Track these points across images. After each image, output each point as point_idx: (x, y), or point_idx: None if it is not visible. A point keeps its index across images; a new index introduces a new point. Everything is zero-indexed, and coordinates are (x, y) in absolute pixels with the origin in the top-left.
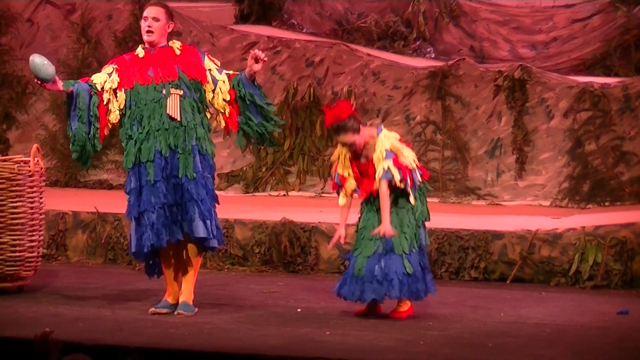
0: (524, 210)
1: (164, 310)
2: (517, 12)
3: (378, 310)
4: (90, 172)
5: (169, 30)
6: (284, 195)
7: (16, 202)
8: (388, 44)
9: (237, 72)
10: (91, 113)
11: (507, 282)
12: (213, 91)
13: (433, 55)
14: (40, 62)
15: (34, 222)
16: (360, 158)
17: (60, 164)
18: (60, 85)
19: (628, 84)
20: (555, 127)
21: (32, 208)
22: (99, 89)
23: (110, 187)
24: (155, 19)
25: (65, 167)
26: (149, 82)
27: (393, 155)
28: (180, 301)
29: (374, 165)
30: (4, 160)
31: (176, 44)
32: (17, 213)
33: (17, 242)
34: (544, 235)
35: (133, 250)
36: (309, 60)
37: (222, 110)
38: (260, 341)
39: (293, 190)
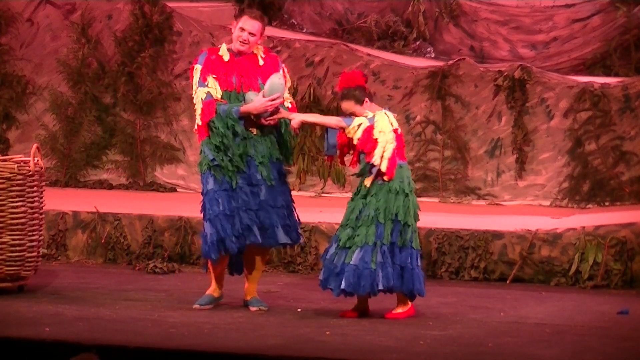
0: (524, 210)
1: (209, 306)
2: (517, 12)
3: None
4: (90, 172)
5: (260, 42)
6: None
7: (16, 202)
8: (388, 44)
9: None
10: None
11: (507, 282)
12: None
13: (433, 55)
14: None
15: (34, 222)
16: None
17: (60, 164)
18: None
19: (628, 84)
20: (555, 127)
21: (32, 208)
22: None
23: (110, 187)
24: (252, 34)
25: (65, 167)
26: (232, 88)
27: (372, 122)
28: (250, 298)
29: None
30: (4, 160)
31: (260, 51)
32: (17, 213)
33: (17, 242)
34: (544, 235)
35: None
36: (309, 60)
37: None
38: (260, 341)
39: (293, 190)
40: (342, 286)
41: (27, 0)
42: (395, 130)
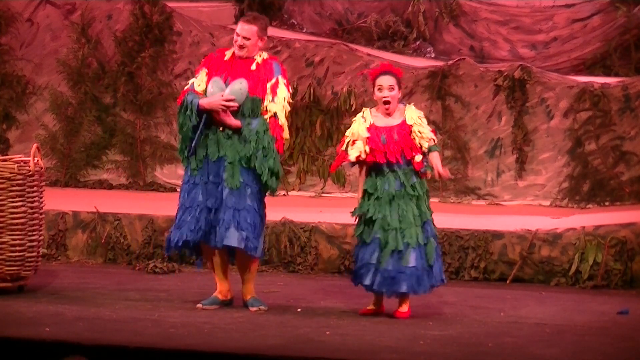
0: (524, 210)
1: (213, 307)
2: (517, 12)
3: (382, 309)
4: (90, 172)
5: (261, 45)
6: (284, 195)
7: (16, 202)
8: (388, 44)
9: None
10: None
11: (507, 282)
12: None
13: (433, 55)
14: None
15: (34, 222)
16: (385, 122)
17: (60, 164)
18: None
19: (628, 84)
20: (555, 127)
21: (32, 208)
22: None
23: (110, 187)
24: (246, 38)
25: (65, 167)
26: None
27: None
28: (249, 298)
29: (406, 129)
30: (4, 160)
31: (260, 57)
32: (17, 213)
33: (17, 242)
34: (544, 235)
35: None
36: (309, 60)
37: None
38: (260, 341)
39: (293, 190)
40: (403, 289)
41: (27, 0)
42: None
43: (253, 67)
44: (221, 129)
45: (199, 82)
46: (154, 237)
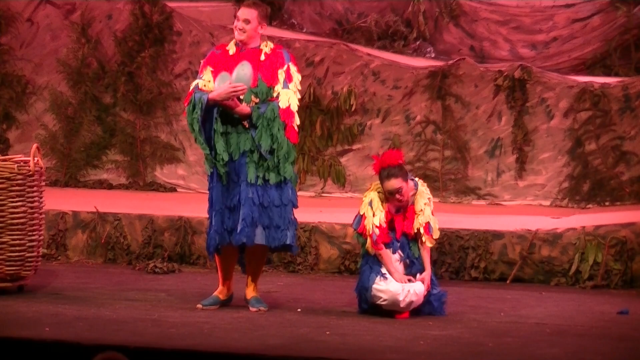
0: (524, 210)
1: (213, 307)
2: (517, 12)
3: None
4: (90, 172)
5: (262, 31)
6: None
7: (16, 202)
8: (388, 44)
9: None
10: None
11: (507, 282)
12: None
13: (433, 55)
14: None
15: (34, 222)
16: (399, 211)
17: (60, 164)
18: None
19: (628, 83)
20: (555, 126)
21: (32, 208)
22: None
23: (110, 186)
24: (246, 21)
25: (65, 167)
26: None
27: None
28: (250, 298)
29: (413, 212)
30: (4, 160)
31: (267, 47)
32: (17, 213)
33: (17, 242)
34: (544, 235)
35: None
36: (309, 60)
37: None
38: (260, 341)
39: None
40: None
41: (27, 0)
42: None
43: (262, 57)
44: (245, 123)
45: (204, 82)
46: (154, 237)
